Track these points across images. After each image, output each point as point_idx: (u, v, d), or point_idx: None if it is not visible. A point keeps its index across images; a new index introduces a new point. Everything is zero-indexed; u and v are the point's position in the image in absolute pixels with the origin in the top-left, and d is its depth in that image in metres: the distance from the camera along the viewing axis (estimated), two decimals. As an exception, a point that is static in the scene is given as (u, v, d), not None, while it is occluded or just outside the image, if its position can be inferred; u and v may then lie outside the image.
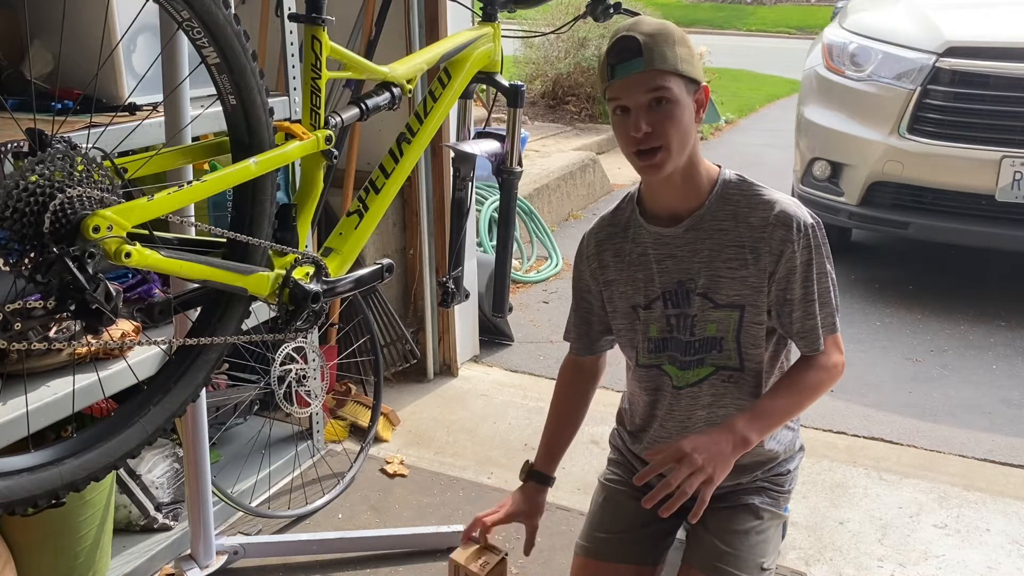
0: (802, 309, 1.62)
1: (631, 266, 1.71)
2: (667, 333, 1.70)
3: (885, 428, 2.97)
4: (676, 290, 1.67)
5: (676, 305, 1.68)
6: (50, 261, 1.11)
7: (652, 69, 1.50)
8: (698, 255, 1.64)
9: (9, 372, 1.75)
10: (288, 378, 2.46)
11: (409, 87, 1.74)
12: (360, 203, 1.71)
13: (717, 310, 1.64)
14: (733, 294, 1.62)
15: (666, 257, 1.67)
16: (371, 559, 2.31)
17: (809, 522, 2.44)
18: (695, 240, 1.64)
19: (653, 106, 1.51)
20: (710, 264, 1.63)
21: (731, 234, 1.62)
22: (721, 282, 1.62)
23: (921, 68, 3.77)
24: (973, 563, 2.27)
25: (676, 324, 1.68)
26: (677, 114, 1.52)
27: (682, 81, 1.53)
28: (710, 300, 1.64)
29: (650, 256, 1.68)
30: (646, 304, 1.70)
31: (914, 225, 3.91)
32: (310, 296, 1.50)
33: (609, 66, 1.54)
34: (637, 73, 1.50)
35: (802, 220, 1.60)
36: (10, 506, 1.20)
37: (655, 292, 1.69)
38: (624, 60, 1.51)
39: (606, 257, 1.75)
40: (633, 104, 1.52)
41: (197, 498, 2.08)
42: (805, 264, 1.60)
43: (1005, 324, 3.79)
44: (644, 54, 1.50)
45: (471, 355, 3.44)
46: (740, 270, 1.61)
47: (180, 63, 1.72)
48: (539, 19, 7.25)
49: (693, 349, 1.68)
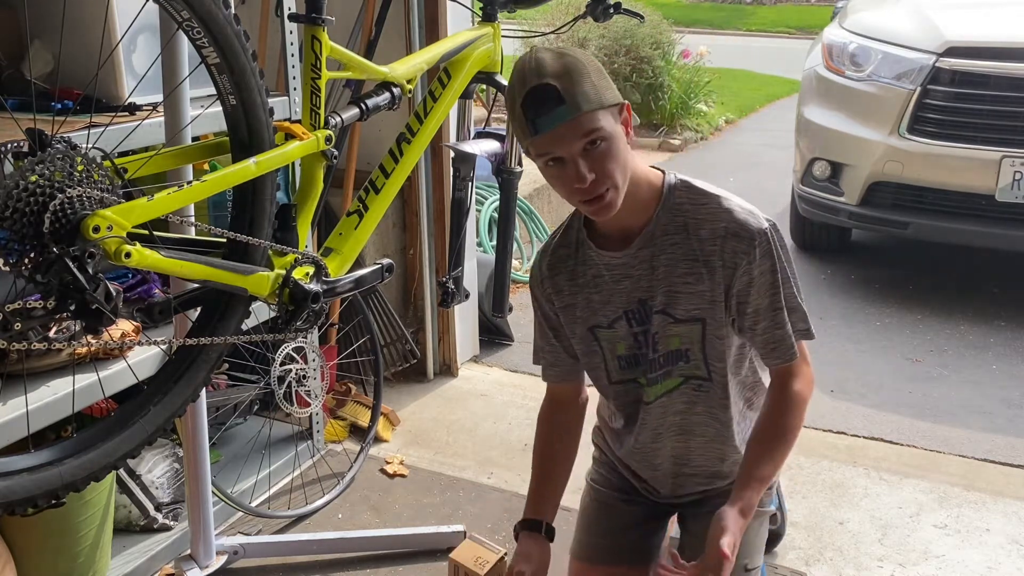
0: (769, 319, 1.55)
1: (586, 288, 1.64)
2: (636, 350, 1.65)
3: (885, 428, 2.97)
4: (638, 309, 1.61)
5: (640, 323, 1.62)
6: (50, 261, 1.12)
7: (579, 114, 1.39)
8: (655, 272, 1.57)
9: (9, 372, 1.75)
10: (288, 378, 2.46)
11: (409, 87, 1.74)
12: (360, 203, 1.71)
13: (678, 324, 1.58)
14: (692, 308, 1.57)
15: (623, 278, 1.61)
16: (371, 559, 2.31)
17: (809, 522, 2.44)
18: (649, 258, 1.57)
19: (588, 149, 1.42)
20: (667, 280, 1.56)
21: (683, 247, 1.55)
22: (679, 297, 1.57)
23: (921, 68, 3.77)
24: (973, 563, 2.27)
25: (643, 341, 1.63)
26: (615, 149, 1.44)
27: (608, 112, 1.43)
28: (669, 315, 1.58)
29: (605, 278, 1.62)
30: (608, 324, 1.64)
31: (914, 225, 3.91)
32: (310, 296, 1.50)
33: (530, 121, 1.41)
34: (565, 123, 1.39)
35: (755, 228, 1.52)
36: (10, 506, 1.20)
37: (615, 312, 1.63)
38: (546, 112, 1.39)
39: (560, 281, 1.67)
40: (568, 154, 1.42)
41: (197, 498, 2.08)
42: (767, 272, 1.53)
43: (1005, 324, 3.79)
44: (567, 100, 1.39)
45: (471, 355, 3.44)
46: (696, 284, 1.55)
47: (180, 63, 1.72)
48: (539, 19, 7.25)
49: (658, 364, 1.63)
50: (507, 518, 2.48)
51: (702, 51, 8.22)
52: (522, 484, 2.59)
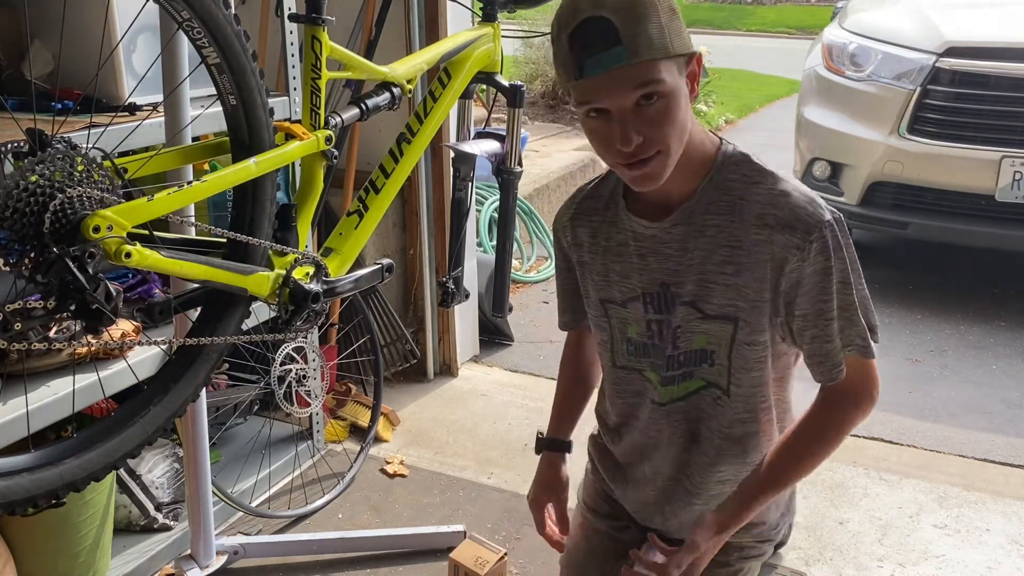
0: (816, 328, 1.30)
1: (607, 254, 1.42)
2: (647, 339, 1.42)
3: (885, 428, 2.97)
4: (659, 293, 1.38)
5: (658, 310, 1.39)
6: (50, 261, 1.11)
7: (638, 62, 1.15)
8: (687, 255, 1.34)
9: (9, 372, 1.75)
10: (288, 378, 2.46)
11: (409, 87, 1.74)
12: (360, 203, 1.71)
13: (706, 321, 1.35)
14: (726, 303, 1.33)
15: (650, 253, 1.37)
16: (371, 559, 2.31)
17: (809, 522, 2.44)
18: (684, 237, 1.33)
19: (642, 104, 1.18)
20: (701, 267, 1.33)
21: (726, 231, 1.31)
22: (712, 289, 1.33)
23: (921, 68, 3.77)
24: (973, 563, 2.27)
25: (657, 331, 1.41)
26: (673, 109, 1.20)
27: (674, 63, 1.19)
28: (698, 310, 1.35)
29: (631, 248, 1.39)
30: (622, 301, 1.43)
31: (914, 225, 3.91)
32: (310, 296, 1.50)
33: (576, 61, 1.17)
34: (618, 69, 1.15)
35: (814, 219, 1.27)
36: (10, 506, 1.20)
37: (634, 291, 1.40)
38: (597, 52, 1.15)
39: (580, 234, 1.46)
40: (615, 107, 1.19)
41: (197, 498, 2.08)
42: (819, 273, 1.28)
43: (1005, 324, 3.79)
44: (625, 42, 1.14)
45: (471, 355, 3.44)
46: (734, 276, 1.31)
47: (180, 63, 1.72)
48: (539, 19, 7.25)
49: (677, 363, 1.39)
50: (507, 518, 2.48)
51: (702, 51, 8.21)
52: (522, 484, 2.60)
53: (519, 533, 2.40)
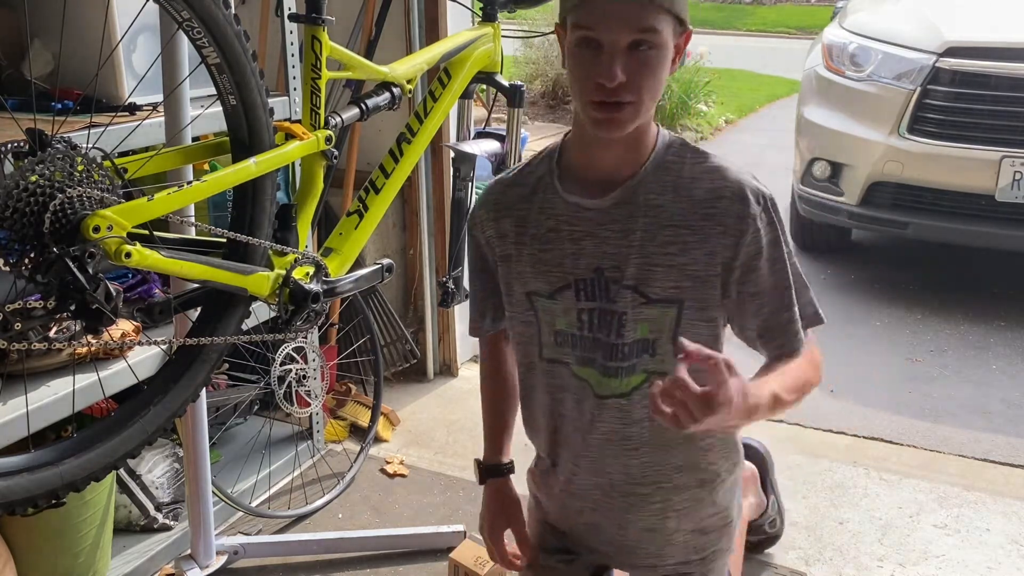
0: (775, 300, 1.31)
1: (536, 242, 1.38)
2: (578, 330, 1.37)
3: (885, 428, 2.97)
4: (592, 279, 1.34)
5: (591, 297, 1.35)
6: (50, 261, 1.12)
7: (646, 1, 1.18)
8: (628, 237, 1.31)
9: (9, 372, 1.75)
10: (288, 378, 2.46)
11: (409, 87, 1.74)
12: (360, 203, 1.71)
13: (650, 306, 1.32)
14: (670, 286, 1.30)
15: (584, 236, 1.34)
16: (371, 559, 2.31)
17: (809, 522, 2.44)
18: (625, 218, 1.31)
19: (633, 48, 1.20)
20: (642, 248, 1.30)
21: (669, 210, 1.30)
22: (655, 272, 1.30)
23: (921, 68, 3.77)
24: (973, 563, 2.27)
25: (591, 321, 1.35)
26: (659, 64, 1.22)
27: (672, 22, 1.22)
28: (641, 294, 1.31)
29: (563, 233, 1.35)
30: (550, 293, 1.37)
31: (914, 225, 3.91)
32: (310, 296, 1.50)
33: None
34: (625, 3, 1.18)
35: (760, 190, 1.30)
36: (10, 506, 1.20)
37: (565, 279, 1.36)
38: None
39: (504, 225, 1.41)
40: (609, 42, 1.19)
41: (197, 498, 2.08)
42: (772, 244, 1.30)
43: (1005, 324, 3.79)
44: None
45: (471, 355, 3.44)
46: (679, 256, 1.29)
47: (180, 63, 1.72)
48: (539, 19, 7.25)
49: (622, 354, 1.35)
50: (507, 518, 2.48)
51: (702, 51, 8.22)
52: (523, 484, 2.59)
53: (519, 533, 2.40)
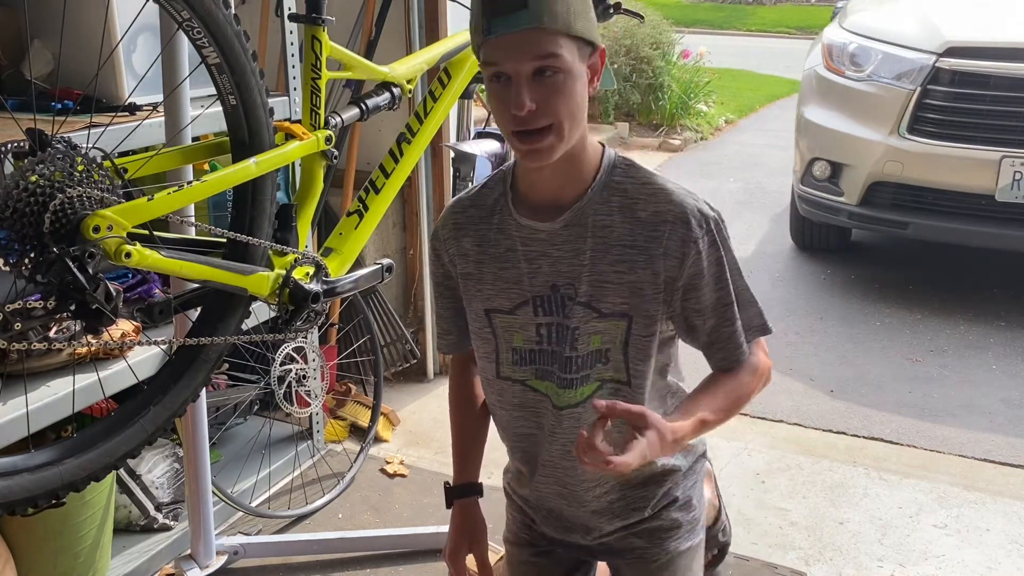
0: (717, 316, 1.38)
1: (495, 261, 1.43)
2: (536, 344, 1.42)
3: (885, 428, 2.97)
4: (549, 295, 1.39)
5: (548, 312, 1.40)
6: (50, 261, 1.12)
7: (538, 28, 1.22)
8: (579, 256, 1.36)
9: (9, 372, 1.75)
10: (288, 378, 2.46)
11: (409, 87, 1.74)
12: (360, 203, 1.71)
13: (602, 320, 1.37)
14: (620, 302, 1.36)
15: (538, 256, 1.39)
16: (371, 559, 2.31)
17: (809, 522, 2.44)
18: (575, 238, 1.36)
19: (539, 75, 1.24)
20: (593, 267, 1.36)
21: (617, 231, 1.35)
22: (606, 288, 1.36)
23: (921, 68, 3.77)
24: (973, 563, 2.27)
25: (549, 335, 1.41)
26: (569, 86, 1.25)
27: (575, 44, 1.25)
28: (593, 309, 1.37)
29: (519, 253, 1.40)
30: (510, 309, 1.43)
31: (914, 225, 3.91)
32: (310, 296, 1.50)
33: (485, 18, 1.25)
34: (522, 31, 1.22)
35: (703, 213, 1.35)
36: (10, 506, 1.20)
37: (523, 296, 1.41)
38: (503, 12, 1.22)
39: (465, 244, 1.45)
40: (514, 72, 1.24)
41: (197, 498, 2.08)
42: (714, 264, 1.36)
43: (1004, 324, 3.79)
44: (530, 5, 1.21)
45: (471, 355, 3.44)
46: (628, 274, 1.35)
47: (180, 63, 1.72)
48: (539, 19, 7.24)
49: (576, 365, 1.40)
50: (507, 518, 2.48)
51: (702, 51, 8.21)
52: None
53: (519, 533, 2.40)
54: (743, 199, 5.65)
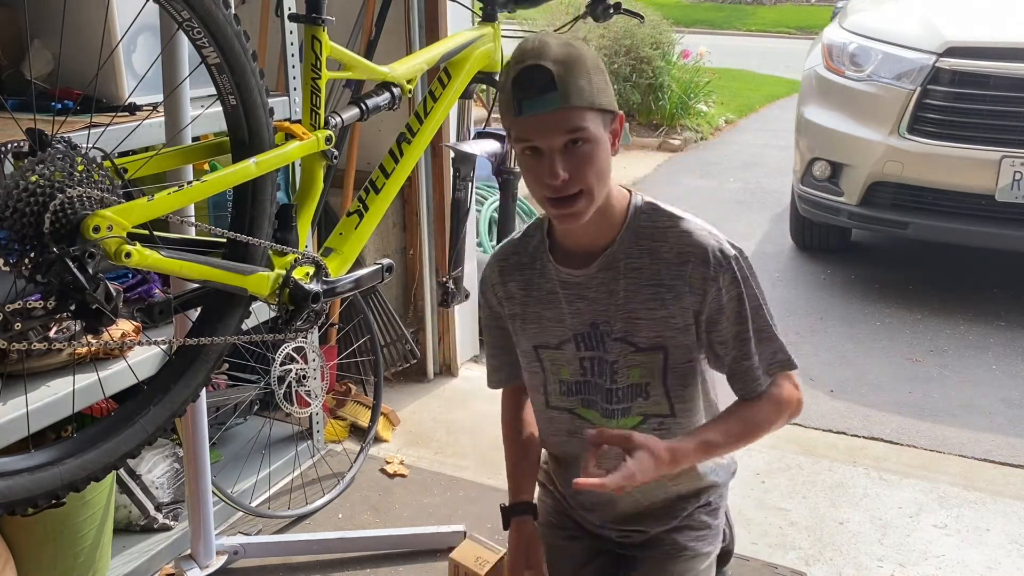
0: (737, 349, 1.48)
1: (539, 303, 1.56)
2: (581, 376, 1.56)
3: (885, 428, 2.97)
4: (589, 332, 1.53)
5: (589, 347, 1.54)
6: (50, 261, 1.12)
7: (568, 107, 1.34)
8: (613, 297, 1.49)
9: (9, 372, 1.75)
10: (288, 378, 2.46)
11: (409, 87, 1.74)
12: (360, 203, 1.71)
13: (639, 353, 1.50)
14: (654, 336, 1.49)
15: (577, 299, 1.52)
16: (371, 559, 2.31)
17: (809, 522, 2.44)
18: (609, 281, 1.49)
19: (569, 147, 1.36)
20: (626, 306, 1.49)
21: (647, 272, 1.48)
22: (640, 324, 1.49)
23: (921, 68, 3.77)
24: (973, 563, 2.27)
25: (592, 368, 1.54)
26: (596, 154, 1.38)
27: (599, 116, 1.38)
28: (630, 344, 1.50)
29: (559, 295, 1.54)
30: (556, 344, 1.56)
31: (914, 225, 3.91)
32: (310, 296, 1.50)
33: (516, 100, 1.36)
34: (550, 112, 1.34)
35: (723, 252, 1.46)
36: (10, 506, 1.20)
37: (565, 334, 1.54)
38: (534, 95, 1.34)
39: (511, 288, 1.59)
40: (547, 146, 1.36)
41: (197, 498, 2.08)
42: (734, 299, 1.46)
43: (1004, 324, 3.79)
44: (559, 88, 1.33)
45: (471, 355, 3.44)
46: (659, 310, 1.47)
47: (180, 63, 1.72)
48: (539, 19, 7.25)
49: (617, 397, 1.53)
50: (507, 518, 2.48)
51: (702, 51, 8.21)
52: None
53: (519, 533, 2.40)
54: (743, 199, 5.65)
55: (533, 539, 1.65)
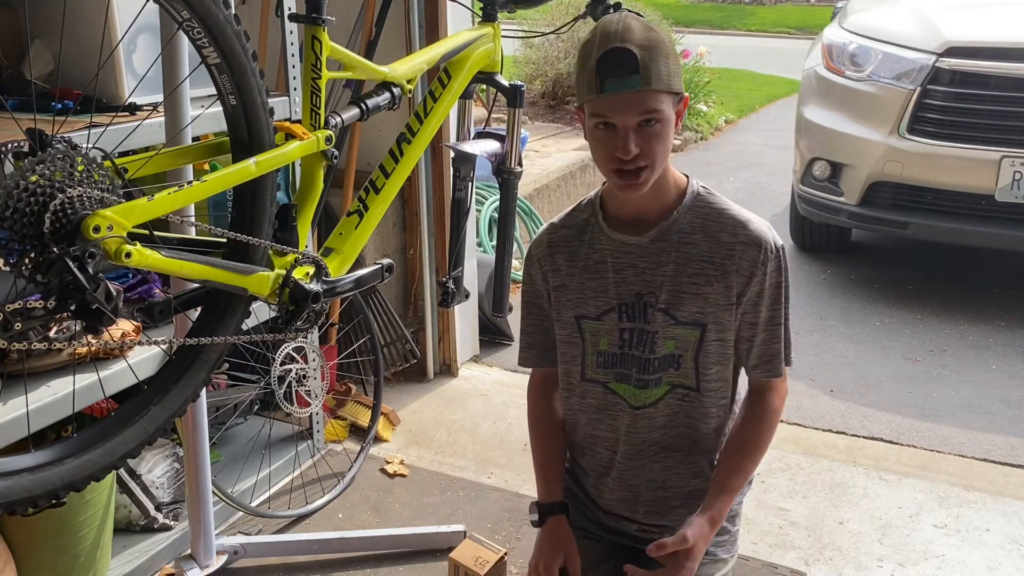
0: (767, 332, 1.58)
1: (584, 272, 1.62)
2: (619, 348, 1.61)
3: (885, 428, 2.97)
4: (633, 303, 1.59)
5: (632, 318, 1.59)
6: (50, 261, 1.11)
7: (648, 89, 1.41)
8: (662, 267, 1.56)
9: (9, 372, 1.75)
10: (288, 378, 2.46)
11: (409, 87, 1.74)
12: (360, 203, 1.71)
13: (679, 327, 1.57)
14: (695, 311, 1.56)
15: (626, 267, 1.58)
16: (371, 559, 2.31)
17: (809, 522, 2.44)
18: (660, 251, 1.56)
19: (642, 125, 1.44)
20: (674, 278, 1.55)
21: (698, 248, 1.55)
22: (684, 298, 1.55)
23: (921, 68, 3.77)
24: (973, 563, 2.27)
25: (631, 339, 1.60)
26: (664, 133, 1.46)
27: (671, 98, 1.46)
28: (672, 316, 1.56)
29: (608, 264, 1.60)
30: (597, 315, 1.61)
31: (914, 225, 3.91)
32: (310, 296, 1.50)
33: (599, 79, 1.42)
34: (632, 93, 1.41)
35: (772, 242, 1.55)
36: (10, 506, 1.20)
37: (609, 303, 1.60)
38: (618, 75, 1.41)
39: (558, 260, 1.65)
40: (622, 123, 1.44)
41: (197, 498, 2.08)
42: (775, 287, 1.56)
43: (1004, 324, 3.79)
44: (642, 72, 1.40)
45: (471, 355, 3.44)
46: (704, 286, 1.55)
47: (180, 63, 1.72)
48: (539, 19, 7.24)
49: (652, 367, 1.59)
50: (507, 518, 2.48)
51: (702, 51, 8.21)
52: (522, 484, 2.60)
53: (519, 533, 2.40)
54: (743, 199, 5.63)
55: (567, 535, 1.66)
